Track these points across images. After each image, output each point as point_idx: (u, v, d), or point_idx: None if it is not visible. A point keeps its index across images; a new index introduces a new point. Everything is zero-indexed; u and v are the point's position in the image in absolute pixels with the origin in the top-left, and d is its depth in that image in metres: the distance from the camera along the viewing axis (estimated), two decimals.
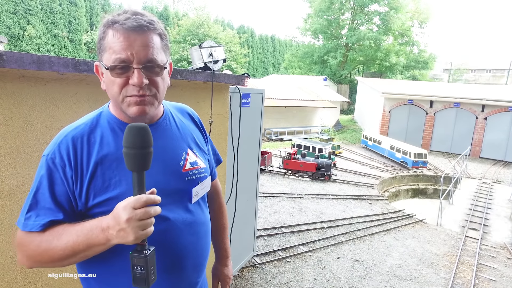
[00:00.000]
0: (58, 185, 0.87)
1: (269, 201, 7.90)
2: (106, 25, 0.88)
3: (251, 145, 3.90)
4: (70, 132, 0.92)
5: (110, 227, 0.80)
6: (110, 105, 1.00)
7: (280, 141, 17.23)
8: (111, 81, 0.88)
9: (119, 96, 0.89)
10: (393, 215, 7.70)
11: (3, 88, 1.51)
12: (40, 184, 0.87)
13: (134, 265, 0.82)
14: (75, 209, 0.90)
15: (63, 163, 0.88)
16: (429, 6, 32.52)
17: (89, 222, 0.85)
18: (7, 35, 22.39)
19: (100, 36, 0.90)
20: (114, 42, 0.86)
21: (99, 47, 0.90)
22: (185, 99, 2.42)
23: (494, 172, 13.24)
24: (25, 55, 1.43)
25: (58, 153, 0.89)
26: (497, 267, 5.27)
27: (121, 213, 0.78)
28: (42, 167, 0.89)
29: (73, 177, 0.88)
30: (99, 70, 0.95)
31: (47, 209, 0.86)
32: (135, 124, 0.81)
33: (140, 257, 0.81)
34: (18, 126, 1.57)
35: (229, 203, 3.02)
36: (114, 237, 0.80)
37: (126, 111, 0.91)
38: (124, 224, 0.78)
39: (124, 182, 0.91)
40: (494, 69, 47.74)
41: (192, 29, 27.17)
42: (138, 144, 0.80)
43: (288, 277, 4.42)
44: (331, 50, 30.54)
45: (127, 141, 0.80)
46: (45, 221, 0.85)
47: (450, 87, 21.74)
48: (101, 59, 0.89)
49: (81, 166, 0.89)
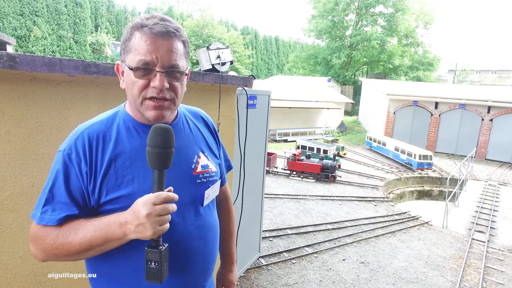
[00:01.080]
0: (73, 180, 0.89)
1: (274, 202, 7.89)
2: (134, 27, 0.90)
3: (257, 147, 3.90)
4: (86, 129, 0.93)
5: (128, 222, 0.83)
6: (126, 105, 1.01)
7: (284, 142, 17.22)
8: (133, 82, 0.91)
9: (139, 97, 0.91)
10: (398, 217, 7.65)
11: (15, 90, 1.52)
12: (56, 178, 0.89)
13: (148, 260, 0.84)
14: (88, 205, 0.91)
15: (79, 159, 0.89)
16: (434, 7, 32.44)
17: (106, 217, 0.87)
18: (13, 36, 22.63)
19: (126, 37, 0.92)
20: (140, 45, 0.89)
21: (123, 48, 0.93)
22: (192, 100, 2.42)
23: (501, 174, 13.12)
24: (37, 58, 1.44)
25: (74, 149, 0.90)
26: (505, 271, 5.22)
27: (141, 209, 0.81)
28: (58, 162, 0.90)
29: (88, 173, 0.89)
30: (120, 69, 0.97)
31: (63, 204, 0.88)
32: (160, 125, 0.85)
33: (155, 252, 0.84)
34: (29, 127, 1.58)
35: (235, 204, 3.02)
36: (132, 231, 0.83)
37: (144, 113, 0.93)
38: (143, 219, 0.81)
39: (137, 180, 0.91)
40: (499, 70, 47.34)
41: (196, 30, 27.26)
42: (161, 144, 0.84)
43: (294, 278, 4.41)
44: (335, 51, 30.47)
45: (152, 140, 0.84)
46: (62, 215, 0.87)
47: (455, 88, 21.60)
48: (125, 59, 0.92)
49: (96, 162, 0.90)
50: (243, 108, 3.04)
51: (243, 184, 2.96)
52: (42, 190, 0.91)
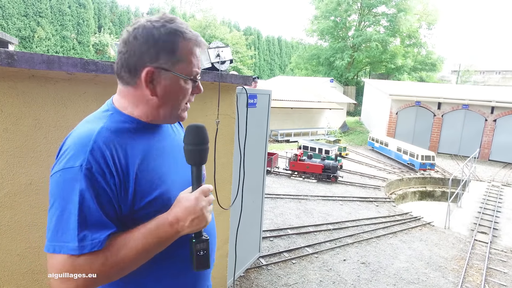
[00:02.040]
0: (102, 196, 0.82)
1: (275, 203, 7.88)
2: (176, 34, 0.91)
3: (257, 146, 3.90)
4: (96, 137, 0.85)
5: (181, 219, 0.87)
6: (123, 106, 0.96)
7: (286, 142, 17.19)
8: (184, 91, 0.95)
9: (183, 103, 0.98)
10: (400, 217, 7.62)
11: (13, 87, 1.53)
12: (83, 198, 0.80)
13: (197, 250, 0.91)
14: (118, 216, 0.87)
15: (102, 171, 0.82)
16: (437, 8, 32.26)
17: (151, 222, 0.86)
18: (18, 37, 22.78)
19: (168, 43, 0.90)
20: (193, 56, 0.94)
21: (171, 55, 0.90)
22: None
23: (504, 175, 13.03)
24: (36, 55, 1.45)
25: (94, 161, 0.82)
26: (507, 272, 5.18)
27: (196, 202, 0.88)
28: (77, 180, 0.80)
29: (116, 183, 0.85)
30: (156, 76, 0.91)
31: (101, 224, 0.82)
32: (196, 124, 0.92)
33: (203, 241, 0.92)
34: (27, 125, 1.59)
35: (235, 204, 3.02)
36: (186, 227, 0.87)
37: (180, 115, 0.99)
38: (200, 211, 0.88)
39: (163, 180, 0.94)
40: (503, 70, 47.01)
41: (199, 31, 27.31)
42: (200, 141, 0.92)
43: (294, 278, 4.40)
44: (338, 52, 30.42)
45: (189, 138, 0.91)
46: (104, 236, 0.81)
47: (459, 88, 21.48)
48: (171, 68, 0.91)
49: (122, 171, 0.86)
50: (243, 107, 3.04)
51: (242, 184, 2.95)
52: (56, 218, 0.80)
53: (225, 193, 2.88)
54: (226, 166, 2.83)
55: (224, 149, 2.77)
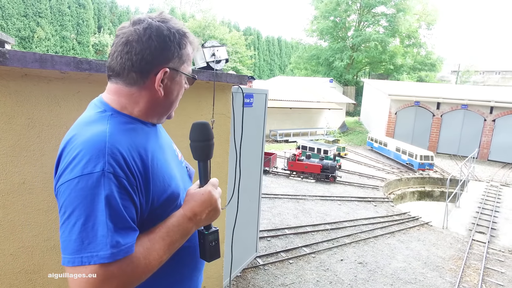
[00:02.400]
0: (126, 199, 0.81)
1: (273, 203, 7.88)
2: (186, 37, 0.96)
3: (254, 146, 3.90)
4: (110, 140, 0.82)
5: (198, 213, 0.91)
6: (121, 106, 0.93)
7: (285, 142, 17.20)
8: (182, 89, 1.00)
9: (178, 101, 1.02)
10: (398, 217, 7.62)
11: (6, 86, 1.53)
12: (110, 204, 0.77)
13: (210, 241, 0.95)
14: (138, 217, 0.86)
15: (123, 174, 0.80)
16: (437, 8, 32.25)
17: (169, 221, 0.89)
18: (17, 37, 22.79)
19: (179, 44, 0.94)
20: (190, 56, 0.99)
21: (179, 56, 0.95)
22: (186, 98, 2.42)
23: (503, 175, 13.03)
24: (28, 54, 1.45)
25: (116, 164, 0.80)
26: (505, 272, 5.18)
27: (211, 195, 0.93)
28: (100, 185, 0.77)
29: (138, 186, 0.84)
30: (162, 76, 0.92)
31: (129, 228, 0.80)
32: (200, 121, 0.97)
33: (214, 232, 0.96)
34: (20, 124, 1.59)
35: (231, 203, 3.02)
36: (203, 220, 0.93)
37: (171, 114, 1.03)
38: (215, 203, 0.94)
39: (170, 177, 0.96)
40: (503, 71, 47.02)
41: (198, 31, 27.32)
42: (204, 137, 0.95)
43: (291, 278, 4.40)
44: (337, 52, 30.43)
45: (196, 135, 0.95)
46: (134, 239, 0.80)
47: (458, 88, 21.49)
48: (180, 67, 0.96)
49: (140, 172, 0.85)
50: (238, 107, 3.05)
51: (238, 183, 2.95)
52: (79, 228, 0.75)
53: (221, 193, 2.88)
54: (222, 165, 2.83)
55: (220, 148, 2.77)
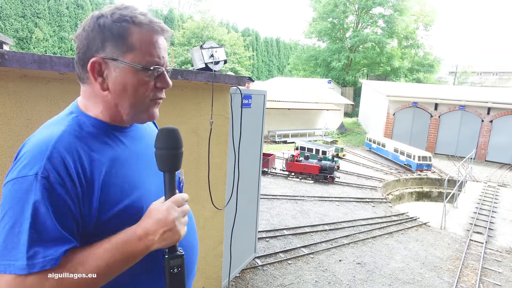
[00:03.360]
0: (61, 207, 0.73)
1: (271, 203, 7.89)
2: (127, 21, 0.82)
3: (252, 146, 3.91)
4: (56, 142, 0.76)
5: (150, 233, 0.77)
6: (86, 108, 0.87)
7: (284, 143, 17.22)
8: (139, 83, 0.84)
9: (146, 99, 0.86)
10: (396, 218, 7.64)
11: (5, 87, 1.53)
12: (36, 211, 0.70)
13: (171, 267, 0.81)
14: (82, 229, 0.78)
15: (62, 180, 0.73)
16: (435, 9, 32.36)
17: (117, 236, 0.77)
18: (15, 38, 22.73)
19: (116, 32, 0.81)
20: (149, 43, 0.84)
21: (114, 44, 0.81)
22: (185, 99, 2.43)
23: (500, 176, 13.09)
24: (27, 55, 1.45)
25: (52, 169, 0.73)
26: (502, 272, 5.20)
27: (167, 213, 0.79)
28: (30, 190, 0.71)
29: (79, 194, 0.76)
30: (101, 68, 0.83)
31: (57, 239, 0.72)
32: (167, 127, 0.83)
33: (177, 257, 0.81)
34: (19, 125, 1.59)
35: (229, 204, 3.03)
36: (156, 242, 0.78)
37: (142, 114, 0.88)
38: (172, 223, 0.79)
39: (134, 187, 0.85)
40: (500, 72, 47.26)
41: (197, 32, 27.32)
42: (172, 145, 0.82)
43: (289, 279, 4.41)
44: (335, 53, 30.51)
45: (161, 142, 0.82)
46: (60, 252, 0.71)
47: (455, 89, 21.58)
48: (121, 57, 0.82)
49: (85, 179, 0.77)
50: (237, 108, 3.06)
51: (237, 184, 2.96)
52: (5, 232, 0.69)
53: (219, 194, 2.89)
54: (220, 166, 2.84)
55: (218, 149, 2.78)
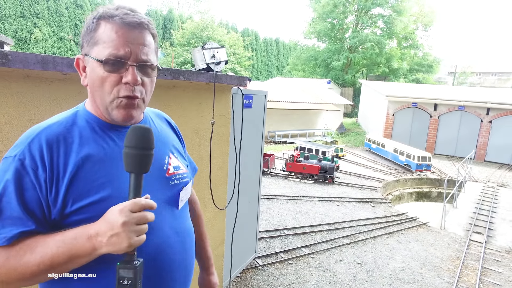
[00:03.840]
0: (28, 190, 0.76)
1: (271, 203, 7.90)
2: (100, 17, 0.83)
3: (253, 147, 3.91)
4: (42, 130, 0.81)
5: (100, 234, 0.73)
6: (87, 104, 0.92)
7: (284, 143, 17.23)
8: (101, 77, 0.82)
9: (109, 95, 0.83)
10: (396, 218, 7.65)
11: (8, 87, 1.54)
12: (5, 190, 0.75)
13: (120, 278, 0.74)
14: (48, 217, 0.79)
15: (35, 165, 0.77)
16: (434, 9, 32.44)
17: (71, 230, 0.76)
18: (14, 38, 22.71)
19: (90, 28, 0.84)
20: (110, 36, 0.81)
21: (87, 40, 0.84)
22: (187, 100, 2.44)
23: (500, 176, 13.12)
24: (30, 55, 1.46)
25: (29, 153, 0.77)
26: (502, 271, 5.22)
27: (117, 217, 0.72)
28: (7, 170, 0.76)
29: (47, 181, 0.77)
30: (81, 64, 0.88)
31: (15, 219, 0.74)
32: (140, 125, 0.79)
33: (129, 269, 0.74)
34: (22, 125, 1.59)
35: (230, 204, 3.04)
36: (104, 244, 0.73)
37: (112, 112, 0.86)
38: (119, 228, 0.71)
39: (108, 185, 0.83)
40: (499, 72, 47.37)
41: (196, 32, 27.31)
42: (142, 145, 0.76)
43: (290, 279, 4.41)
44: (335, 53, 30.56)
45: (130, 141, 0.76)
46: (14, 232, 0.73)
47: (455, 90, 21.64)
48: (89, 52, 0.83)
49: (58, 168, 0.79)
50: (238, 108, 3.06)
51: (238, 184, 2.97)
52: None
53: (221, 194, 2.90)
54: (222, 166, 2.84)
55: (219, 149, 2.78)
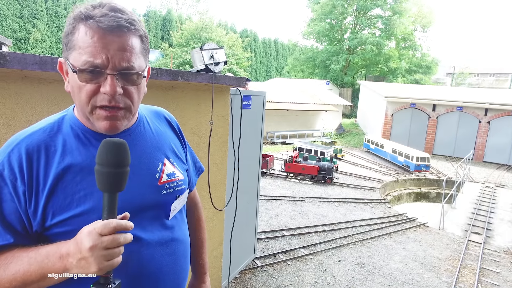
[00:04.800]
0: (7, 202, 0.73)
1: (270, 204, 7.90)
2: (77, 19, 0.75)
3: (252, 147, 3.91)
4: (23, 139, 0.77)
5: (71, 255, 0.69)
6: (75, 108, 0.86)
7: (282, 144, 17.23)
8: (79, 86, 0.75)
9: (87, 105, 0.76)
10: (395, 218, 7.66)
11: (6, 88, 1.53)
12: None
13: None
14: (29, 230, 0.76)
15: (13, 176, 0.74)
16: (432, 10, 32.54)
17: (46, 247, 0.72)
18: (12, 38, 22.67)
19: (68, 30, 0.76)
20: (85, 42, 0.73)
21: (66, 43, 0.77)
22: (186, 100, 2.44)
23: (498, 176, 13.16)
24: (28, 56, 1.45)
25: (8, 164, 0.74)
26: (500, 272, 5.23)
27: (84, 239, 0.67)
28: None
29: (26, 193, 0.74)
30: (64, 68, 0.81)
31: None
32: (112, 139, 0.71)
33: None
34: (20, 126, 1.59)
35: (229, 205, 3.03)
36: (74, 266, 0.69)
37: (94, 122, 0.80)
38: (86, 252, 0.66)
39: (90, 197, 0.78)
40: (497, 73, 47.57)
41: (195, 33, 27.32)
42: (113, 163, 0.69)
43: (289, 279, 4.41)
44: (334, 54, 30.60)
45: (101, 157, 0.69)
46: None
47: (453, 91, 21.70)
48: (68, 57, 0.76)
49: (37, 180, 0.76)
50: (237, 109, 3.06)
51: (237, 185, 2.97)
52: None
53: (219, 194, 2.89)
54: (220, 167, 2.84)
55: (218, 150, 2.78)
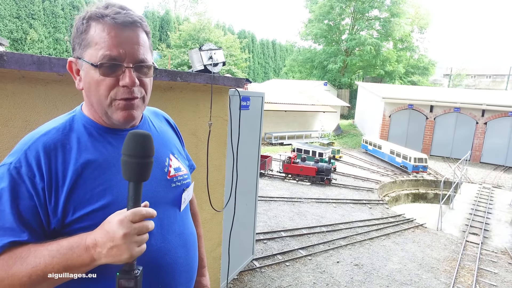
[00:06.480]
0: (24, 199, 0.74)
1: (268, 205, 7.88)
2: (90, 18, 0.80)
3: (250, 148, 3.91)
4: (39, 138, 0.80)
5: (99, 245, 0.71)
6: (83, 108, 0.90)
7: (280, 145, 17.24)
8: (97, 81, 0.80)
9: (107, 98, 0.81)
10: (393, 219, 7.67)
11: (3, 89, 1.52)
12: (0, 197, 0.73)
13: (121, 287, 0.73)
14: (46, 227, 0.77)
15: (32, 173, 0.75)
16: (430, 12, 32.71)
17: (67, 239, 0.74)
18: (9, 39, 22.56)
19: (80, 29, 0.81)
20: (102, 38, 0.78)
21: (79, 42, 0.82)
22: (184, 101, 2.43)
23: (495, 177, 13.21)
24: (26, 56, 1.44)
25: (25, 161, 0.76)
26: (498, 272, 5.24)
27: (117, 228, 0.70)
28: (2, 178, 0.74)
29: (46, 189, 0.76)
30: (74, 68, 0.86)
31: (7, 229, 0.72)
32: (138, 131, 0.75)
33: (130, 278, 0.72)
34: (17, 127, 1.58)
35: (228, 206, 3.02)
36: (103, 256, 0.71)
37: (112, 115, 0.84)
38: (120, 240, 0.69)
39: (109, 191, 0.82)
40: (494, 74, 47.85)
41: (193, 34, 27.31)
42: (140, 153, 0.73)
43: (287, 281, 4.40)
44: (331, 55, 30.67)
45: (129, 148, 0.73)
46: (3, 242, 0.71)
47: (450, 92, 21.80)
48: (82, 55, 0.81)
49: (56, 176, 0.77)
50: (235, 109, 3.05)
51: (235, 186, 2.96)
52: None
53: (218, 195, 2.88)
54: (219, 168, 2.83)
55: (217, 151, 2.77)
